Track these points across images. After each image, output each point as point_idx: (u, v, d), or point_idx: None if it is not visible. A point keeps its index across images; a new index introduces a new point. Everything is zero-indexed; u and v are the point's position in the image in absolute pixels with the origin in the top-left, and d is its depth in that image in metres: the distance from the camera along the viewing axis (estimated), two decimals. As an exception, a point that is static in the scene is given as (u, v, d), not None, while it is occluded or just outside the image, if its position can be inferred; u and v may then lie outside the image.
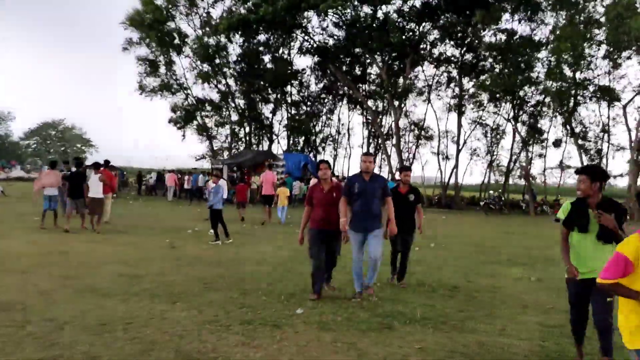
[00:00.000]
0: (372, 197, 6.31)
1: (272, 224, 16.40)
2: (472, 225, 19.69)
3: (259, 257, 9.63)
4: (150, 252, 9.65)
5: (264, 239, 12.43)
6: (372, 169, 6.49)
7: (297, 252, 10.22)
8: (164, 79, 41.53)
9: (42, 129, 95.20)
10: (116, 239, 11.29)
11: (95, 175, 12.72)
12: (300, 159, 33.57)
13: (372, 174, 6.44)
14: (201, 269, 8.13)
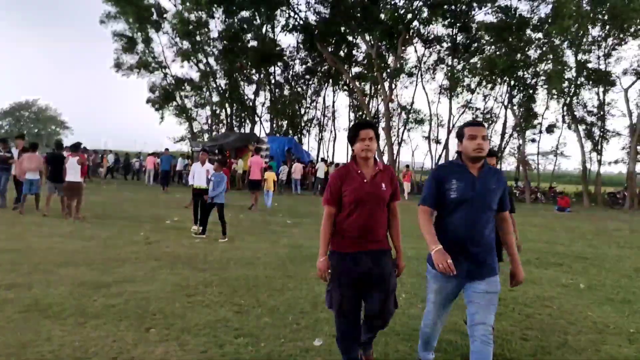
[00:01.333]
0: (485, 208, 3.28)
1: (260, 212, 14.93)
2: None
3: (251, 255, 8.16)
4: (121, 249, 8.10)
5: (254, 232, 10.95)
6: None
7: (294, 249, 8.82)
8: (142, 56, 39.44)
9: (16, 109, 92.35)
10: (83, 233, 9.70)
11: (73, 158, 11.83)
12: (284, 142, 32.00)
13: (484, 163, 3.38)
14: (182, 273, 6.63)
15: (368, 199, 3.40)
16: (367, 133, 3.43)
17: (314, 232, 11.47)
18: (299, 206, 18.26)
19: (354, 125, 3.52)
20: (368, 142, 3.42)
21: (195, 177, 10.63)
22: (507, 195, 3.42)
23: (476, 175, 3.30)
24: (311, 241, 9.95)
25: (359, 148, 3.43)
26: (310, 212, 15.99)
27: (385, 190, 3.47)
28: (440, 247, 3.12)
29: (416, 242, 9.83)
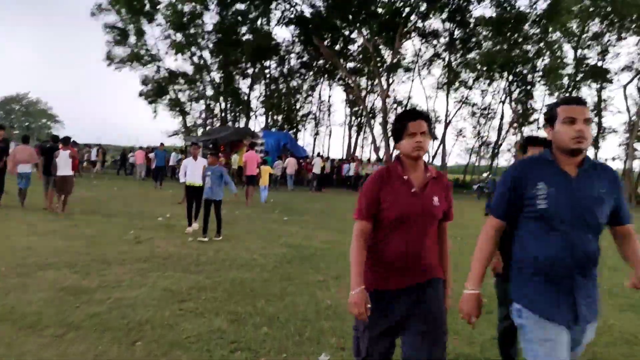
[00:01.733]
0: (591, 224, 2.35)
1: (255, 209, 14.45)
2: (474, 212, 18.04)
3: (247, 256, 7.68)
4: (108, 249, 7.60)
5: (249, 230, 10.47)
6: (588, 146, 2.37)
7: (292, 248, 8.36)
8: (134, 49, 38.75)
9: (5, 103, 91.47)
10: (68, 230, 9.18)
11: (64, 152, 11.66)
12: (279, 137, 31.52)
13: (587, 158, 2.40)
14: (173, 275, 6.15)
15: (416, 216, 2.53)
16: (419, 126, 2.55)
17: (311, 230, 11.01)
18: (294, 202, 17.79)
19: (401, 115, 2.67)
20: (420, 137, 2.54)
21: (187, 173, 9.78)
22: (623, 202, 2.44)
23: (574, 176, 2.33)
24: (310, 240, 9.48)
25: (408, 146, 2.56)
26: (307, 209, 15.52)
27: (438, 205, 2.60)
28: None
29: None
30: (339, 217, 13.72)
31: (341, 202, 19.38)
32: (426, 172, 2.66)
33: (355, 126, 43.30)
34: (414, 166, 2.64)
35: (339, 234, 10.53)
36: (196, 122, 42.88)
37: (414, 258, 2.55)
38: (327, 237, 10.00)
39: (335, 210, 15.81)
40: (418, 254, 2.55)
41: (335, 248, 8.73)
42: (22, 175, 12.13)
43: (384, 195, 2.57)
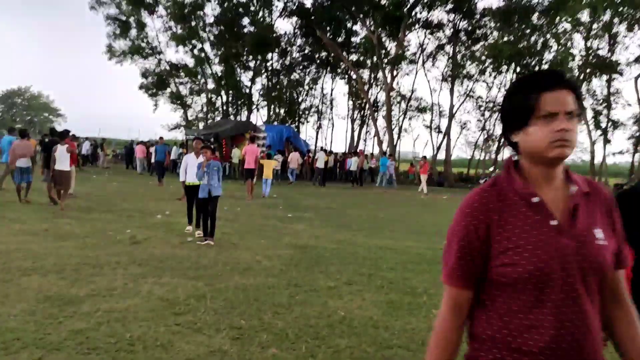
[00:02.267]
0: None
1: (257, 203, 13.91)
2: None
3: (250, 258, 7.14)
4: (101, 251, 7.06)
5: (252, 229, 9.93)
6: None
7: (298, 249, 7.82)
8: (135, 41, 38.18)
9: (7, 97, 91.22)
10: (60, 229, 8.65)
11: (62, 146, 11.32)
12: (282, 130, 30.93)
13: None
14: (170, 282, 5.61)
15: (567, 270, 1.34)
16: (563, 100, 1.36)
17: (318, 227, 10.48)
18: (297, 198, 17.24)
19: (526, 82, 1.45)
20: (565, 121, 1.35)
21: (188, 171, 8.87)
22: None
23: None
24: (317, 240, 8.94)
25: (543, 138, 1.36)
26: (310, 205, 14.98)
27: (604, 245, 1.40)
28: None
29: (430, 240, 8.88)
30: (346, 214, 13.18)
31: (346, 197, 18.83)
32: (570, 185, 1.44)
33: (358, 119, 42.70)
34: (548, 177, 1.43)
35: (347, 232, 9.99)
36: (197, 115, 42.34)
37: (569, 350, 1.33)
38: (334, 236, 9.46)
39: (341, 206, 15.27)
40: (577, 342, 1.33)
41: (345, 248, 8.19)
42: (22, 169, 11.94)
43: (499, 237, 1.39)
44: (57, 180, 11.26)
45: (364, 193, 21.74)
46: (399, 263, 7.24)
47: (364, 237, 9.52)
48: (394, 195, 21.28)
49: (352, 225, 11.16)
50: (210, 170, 8.10)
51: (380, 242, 9.11)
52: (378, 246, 8.59)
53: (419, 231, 10.83)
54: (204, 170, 8.06)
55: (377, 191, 23.53)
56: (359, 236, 9.66)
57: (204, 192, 8.16)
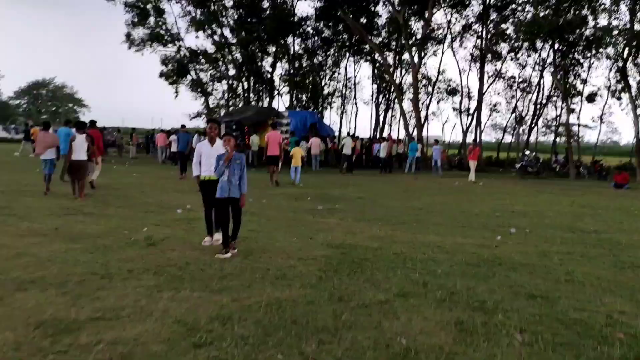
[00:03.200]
0: None
1: (284, 195, 12.97)
2: (525, 195, 16.29)
3: (282, 262, 6.20)
4: (113, 255, 6.20)
5: (280, 224, 9.00)
6: None
7: (335, 249, 6.88)
8: (154, 28, 37.46)
9: (33, 88, 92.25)
10: (71, 229, 7.83)
11: (80, 136, 11.25)
12: (306, 116, 29.91)
13: None
14: (190, 297, 4.69)
15: None
16: None
17: (352, 221, 9.50)
18: (326, 187, 16.26)
19: None
20: None
21: (203, 163, 7.01)
22: None
23: None
24: (354, 236, 7.96)
25: None
26: (341, 195, 13.98)
27: None
28: None
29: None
30: (380, 205, 12.16)
31: (376, 186, 17.78)
32: None
33: (382, 104, 41.40)
34: None
35: (385, 226, 8.99)
36: (219, 102, 41.58)
37: None
38: (373, 232, 8.47)
39: (373, 196, 14.24)
40: None
41: (387, 247, 7.19)
42: (46, 161, 12.06)
43: None
44: (73, 170, 11.11)
45: (394, 180, 20.65)
46: (454, 266, 6.22)
47: (406, 233, 8.51)
48: (426, 182, 20.16)
49: (389, 218, 10.16)
50: (233, 165, 6.36)
51: (425, 238, 8.09)
52: (424, 244, 7.58)
53: (464, 224, 9.76)
54: (227, 165, 6.34)
55: (407, 178, 22.43)
56: (400, 231, 8.65)
57: (224, 192, 6.37)
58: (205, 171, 6.93)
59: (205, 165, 6.92)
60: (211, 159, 6.66)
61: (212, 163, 6.58)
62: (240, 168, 6.40)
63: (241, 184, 6.40)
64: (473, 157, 22.15)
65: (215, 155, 6.50)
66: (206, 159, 6.90)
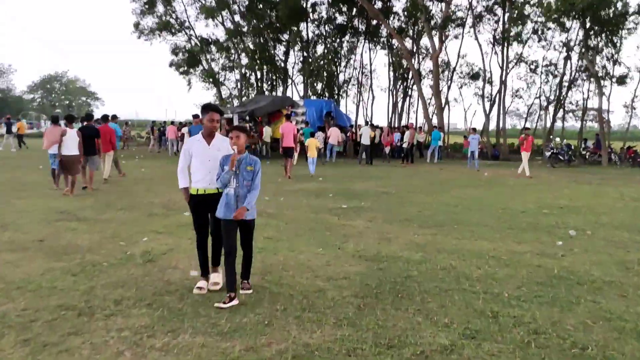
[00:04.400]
0: None
1: (303, 191, 11.77)
2: (564, 186, 14.89)
3: (306, 282, 5.02)
4: (101, 278, 5.07)
5: (301, 229, 7.79)
6: None
7: (371, 263, 5.65)
8: (163, 17, 36.35)
9: (46, 82, 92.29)
10: (61, 238, 6.72)
11: (71, 131, 10.90)
12: (322, 105, 28.63)
13: None
14: (192, 345, 3.53)
15: None
16: None
17: (383, 223, 8.28)
18: (346, 180, 15.03)
19: None
20: None
21: (195, 168, 4.85)
22: None
23: None
24: (388, 244, 6.75)
25: None
26: (365, 190, 12.76)
27: None
28: None
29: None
30: (410, 201, 10.91)
31: (401, 178, 16.50)
32: None
33: (400, 91, 39.92)
34: None
35: (423, 230, 7.76)
36: (231, 93, 40.44)
37: None
38: (410, 237, 7.25)
39: (400, 190, 12.99)
40: None
41: (432, 259, 5.98)
42: (53, 155, 11.71)
43: None
44: (65, 166, 10.72)
45: (417, 172, 19.34)
46: (522, 287, 4.99)
47: (448, 238, 7.28)
48: (452, 173, 18.82)
49: (424, 218, 8.92)
50: (243, 172, 4.51)
51: (473, 244, 6.86)
52: (474, 253, 6.35)
53: (511, 224, 8.48)
54: (235, 171, 4.50)
55: (431, 168, 21.11)
56: (441, 236, 7.42)
57: (230, 210, 4.46)
58: (199, 181, 4.77)
59: (199, 172, 4.76)
60: (206, 164, 4.72)
61: (209, 169, 4.70)
62: (252, 176, 4.53)
63: (249, 196, 4.50)
64: (526, 148, 18.26)
65: (212, 158, 4.69)
66: (200, 163, 4.75)
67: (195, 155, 4.78)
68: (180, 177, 4.87)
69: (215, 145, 4.78)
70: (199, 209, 4.80)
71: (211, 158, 4.72)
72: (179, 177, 4.88)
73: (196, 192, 4.78)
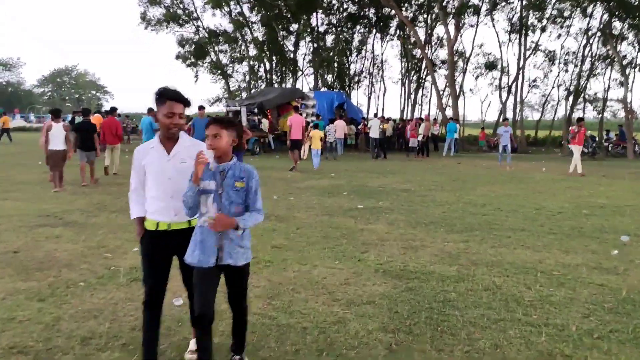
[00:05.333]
0: None
1: (315, 189, 10.83)
2: (596, 182, 13.82)
3: (324, 312, 4.10)
4: (70, 305, 4.19)
5: (314, 237, 6.86)
6: None
7: (398, 280, 4.72)
8: (170, 7, 35.50)
9: (56, 76, 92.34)
10: (38, 249, 5.84)
11: (57, 125, 10.52)
12: (332, 97, 27.63)
13: None
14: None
15: None
16: None
17: (407, 227, 7.35)
18: (361, 177, 14.08)
19: None
20: None
21: (150, 190, 3.13)
22: None
23: None
24: (416, 254, 5.80)
25: None
26: (382, 188, 11.80)
27: None
28: None
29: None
30: (433, 201, 9.94)
31: (418, 174, 15.50)
32: None
33: (413, 82, 38.80)
34: None
35: (453, 236, 6.79)
36: (240, 85, 39.56)
37: None
38: (438, 245, 6.30)
39: (420, 188, 12.01)
40: None
41: (470, 275, 5.02)
42: None
43: None
44: (52, 161, 10.42)
45: (434, 166, 18.34)
46: (588, 315, 4.03)
47: (483, 246, 6.32)
48: (471, 168, 17.79)
49: (451, 221, 7.95)
50: (228, 191, 2.89)
51: (513, 255, 5.89)
52: (518, 266, 5.38)
53: (552, 228, 7.49)
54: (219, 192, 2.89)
55: (448, 162, 20.09)
56: (474, 243, 6.46)
57: (204, 253, 2.88)
58: (156, 212, 3.08)
59: (156, 198, 3.08)
60: (165, 184, 3.05)
61: (170, 191, 3.04)
62: (243, 195, 2.92)
63: (247, 215, 2.90)
64: (579, 141, 15.92)
65: (174, 175, 3.03)
66: (156, 183, 3.08)
67: (150, 172, 3.09)
68: (131, 202, 3.21)
69: (180, 154, 3.07)
70: (155, 251, 3.07)
71: (172, 175, 3.03)
72: (130, 203, 3.22)
73: (155, 226, 3.05)
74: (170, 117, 3.02)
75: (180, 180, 2.98)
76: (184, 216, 3.01)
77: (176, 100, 3.03)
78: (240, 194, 2.90)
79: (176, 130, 3.07)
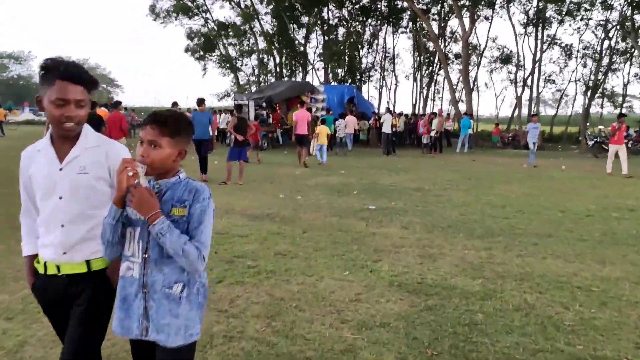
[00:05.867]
0: None
1: (323, 188, 10.27)
2: (620, 181, 13.12)
3: (332, 338, 3.55)
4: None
5: (321, 242, 6.29)
6: None
7: (414, 299, 4.05)
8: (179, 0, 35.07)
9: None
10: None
11: None
12: (343, 91, 26.97)
13: None
14: None
15: None
16: None
17: (422, 231, 6.76)
18: (372, 174, 13.49)
19: None
20: None
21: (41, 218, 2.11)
22: None
23: None
24: (435, 264, 5.22)
25: None
26: (394, 186, 11.21)
27: None
28: None
29: None
30: (450, 202, 9.34)
31: (431, 171, 14.88)
32: None
33: (426, 77, 38.05)
34: None
35: (474, 242, 6.19)
36: (249, 79, 39.06)
37: None
38: (459, 252, 5.72)
39: (433, 186, 11.40)
40: None
41: (497, 290, 4.44)
42: None
43: None
44: None
45: (448, 163, 17.70)
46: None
47: (508, 254, 5.72)
48: (487, 165, 17.12)
49: (471, 224, 7.36)
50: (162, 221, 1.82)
51: (543, 266, 5.29)
52: (551, 280, 4.79)
53: (583, 234, 6.86)
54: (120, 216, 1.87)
55: (462, 159, 19.43)
56: (498, 251, 5.86)
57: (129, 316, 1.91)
58: (48, 245, 2.07)
59: (44, 223, 2.09)
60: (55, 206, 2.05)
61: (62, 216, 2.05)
62: (184, 228, 1.86)
63: (172, 233, 1.80)
64: (618, 140, 14.44)
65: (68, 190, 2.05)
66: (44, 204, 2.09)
67: (36, 186, 2.09)
68: (23, 231, 2.24)
69: (78, 161, 2.08)
70: (50, 305, 2.16)
71: (65, 192, 2.05)
72: (23, 235, 2.24)
73: (43, 268, 2.09)
74: (62, 106, 1.96)
75: (76, 201, 2.03)
76: (77, 254, 2.04)
77: (72, 81, 1.95)
78: (181, 226, 1.85)
79: (72, 127, 2.02)
